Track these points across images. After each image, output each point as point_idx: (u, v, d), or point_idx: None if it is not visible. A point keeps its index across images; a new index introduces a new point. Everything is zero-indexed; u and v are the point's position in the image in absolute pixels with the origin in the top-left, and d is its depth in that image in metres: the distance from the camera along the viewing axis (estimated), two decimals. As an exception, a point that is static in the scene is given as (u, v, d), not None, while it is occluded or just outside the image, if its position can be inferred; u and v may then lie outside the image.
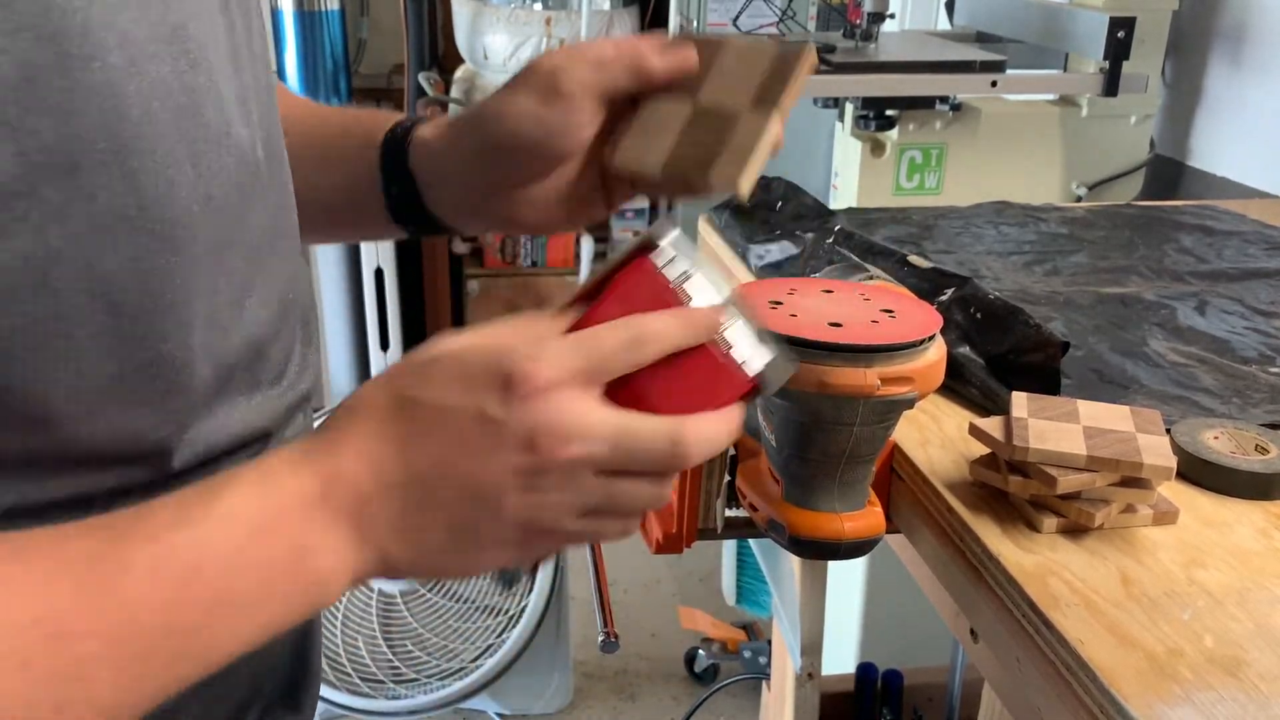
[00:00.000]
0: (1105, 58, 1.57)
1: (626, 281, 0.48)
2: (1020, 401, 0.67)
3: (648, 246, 0.49)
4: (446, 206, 0.65)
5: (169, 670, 0.39)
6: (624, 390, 0.46)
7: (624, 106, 0.60)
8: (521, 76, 0.59)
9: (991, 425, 0.65)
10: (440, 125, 0.64)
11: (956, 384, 0.79)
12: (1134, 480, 0.61)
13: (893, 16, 1.94)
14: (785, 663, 1.28)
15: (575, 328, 0.47)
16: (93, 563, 0.38)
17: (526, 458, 0.43)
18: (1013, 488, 0.63)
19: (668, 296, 0.48)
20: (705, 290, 0.48)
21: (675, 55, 0.58)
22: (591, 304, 0.48)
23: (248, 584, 0.41)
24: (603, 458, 0.44)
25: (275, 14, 2.99)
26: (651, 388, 0.46)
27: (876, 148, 1.70)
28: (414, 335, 2.92)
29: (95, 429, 0.43)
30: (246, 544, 0.41)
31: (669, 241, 0.49)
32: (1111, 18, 1.55)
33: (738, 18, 2.05)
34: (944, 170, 1.70)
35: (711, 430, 0.46)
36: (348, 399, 0.46)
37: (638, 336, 0.45)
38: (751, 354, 0.48)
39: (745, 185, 0.55)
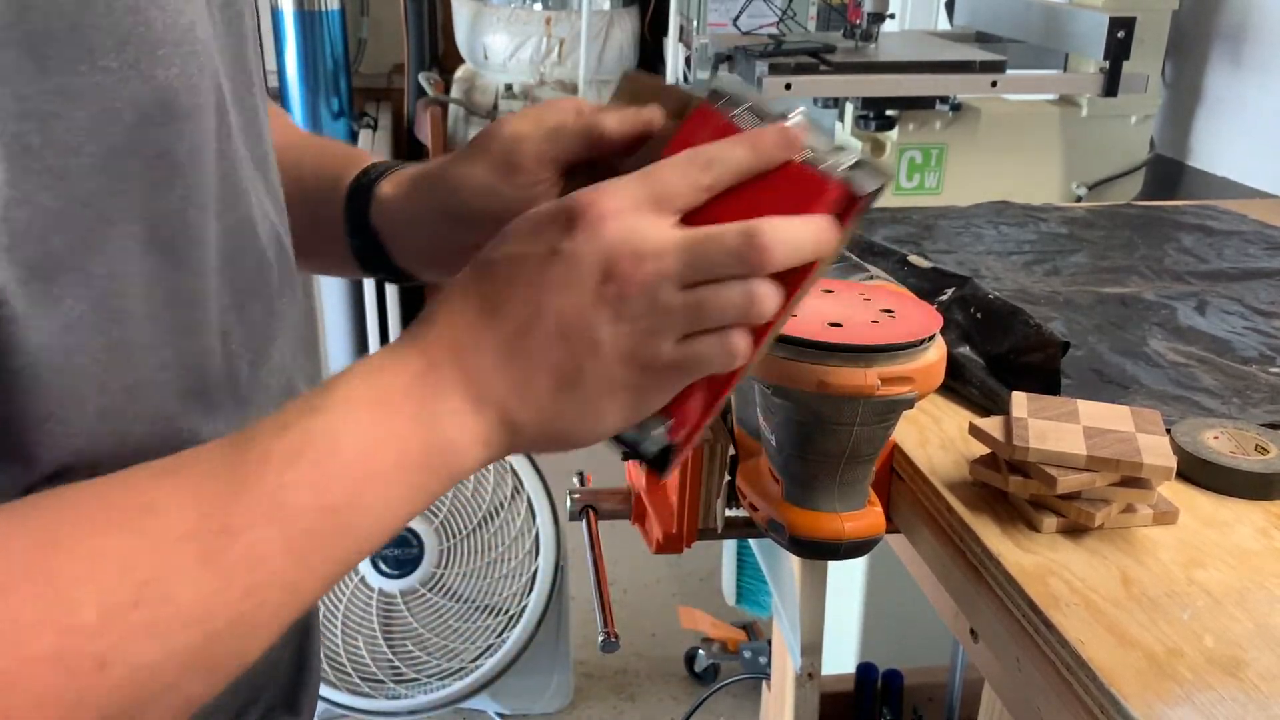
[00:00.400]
0: (1105, 58, 1.57)
1: (688, 128, 0.48)
2: (1020, 401, 0.67)
3: (711, 98, 0.48)
4: (410, 259, 0.65)
5: (337, 544, 0.41)
6: (701, 218, 0.45)
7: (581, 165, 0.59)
8: (479, 143, 0.59)
9: (991, 425, 0.65)
10: (401, 183, 0.64)
11: (956, 384, 0.79)
12: (1134, 480, 0.61)
13: (893, 16, 1.94)
14: (785, 662, 1.28)
15: None
16: (234, 464, 0.39)
17: (605, 285, 0.43)
18: (1013, 488, 0.63)
19: (730, 131, 0.47)
20: (769, 117, 0.47)
21: (633, 121, 0.58)
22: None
23: (385, 457, 0.42)
24: (680, 270, 0.43)
25: (275, 14, 2.99)
26: (731, 213, 0.45)
27: (876, 148, 1.70)
28: (414, 335, 2.92)
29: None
30: (370, 424, 0.42)
31: (727, 86, 0.48)
32: (1111, 18, 1.55)
33: (738, 17, 2.05)
34: (944, 170, 1.70)
35: (793, 229, 0.44)
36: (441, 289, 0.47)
37: (703, 160, 0.45)
38: (833, 161, 0.46)
39: None
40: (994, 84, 1.61)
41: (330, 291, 2.97)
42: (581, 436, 0.46)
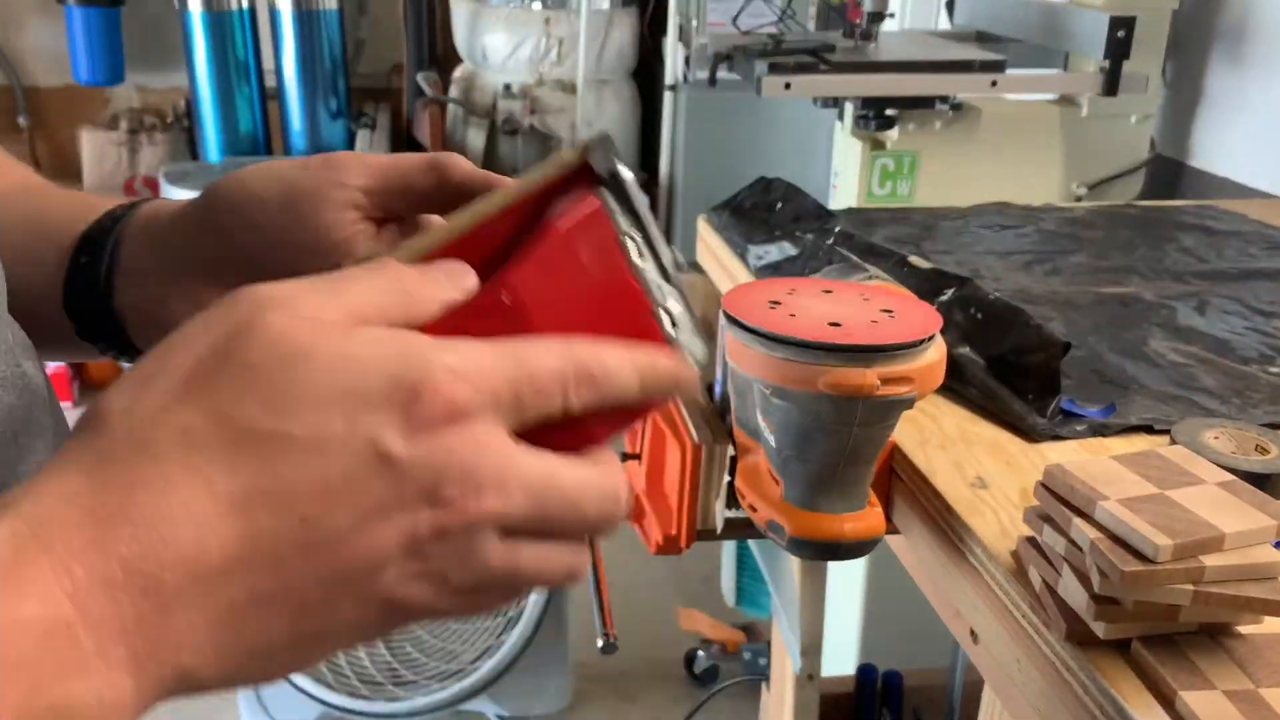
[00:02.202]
0: (1105, 57, 1.57)
1: (570, 223, 0.35)
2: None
3: (588, 171, 0.35)
4: (143, 280, 0.50)
5: None
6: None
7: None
8: (278, 189, 0.47)
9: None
10: (172, 204, 0.51)
11: (956, 384, 0.79)
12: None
13: (892, 16, 1.94)
14: (785, 664, 1.28)
15: (497, 284, 0.34)
16: None
17: (425, 515, 0.31)
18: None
19: (613, 253, 0.35)
20: (648, 264, 0.36)
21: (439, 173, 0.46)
22: (517, 251, 0.34)
23: None
24: (519, 517, 0.32)
25: (273, 14, 2.99)
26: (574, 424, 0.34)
27: (876, 146, 1.70)
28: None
29: None
30: None
31: (620, 172, 0.35)
32: (1111, 17, 1.55)
33: (737, 17, 2.05)
34: (916, 178, 1.70)
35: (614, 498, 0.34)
36: (88, 427, 0.30)
37: (593, 372, 0.33)
38: (680, 334, 0.36)
39: None
40: (994, 83, 1.61)
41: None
42: (266, 680, 0.32)
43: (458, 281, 0.34)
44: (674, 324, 0.35)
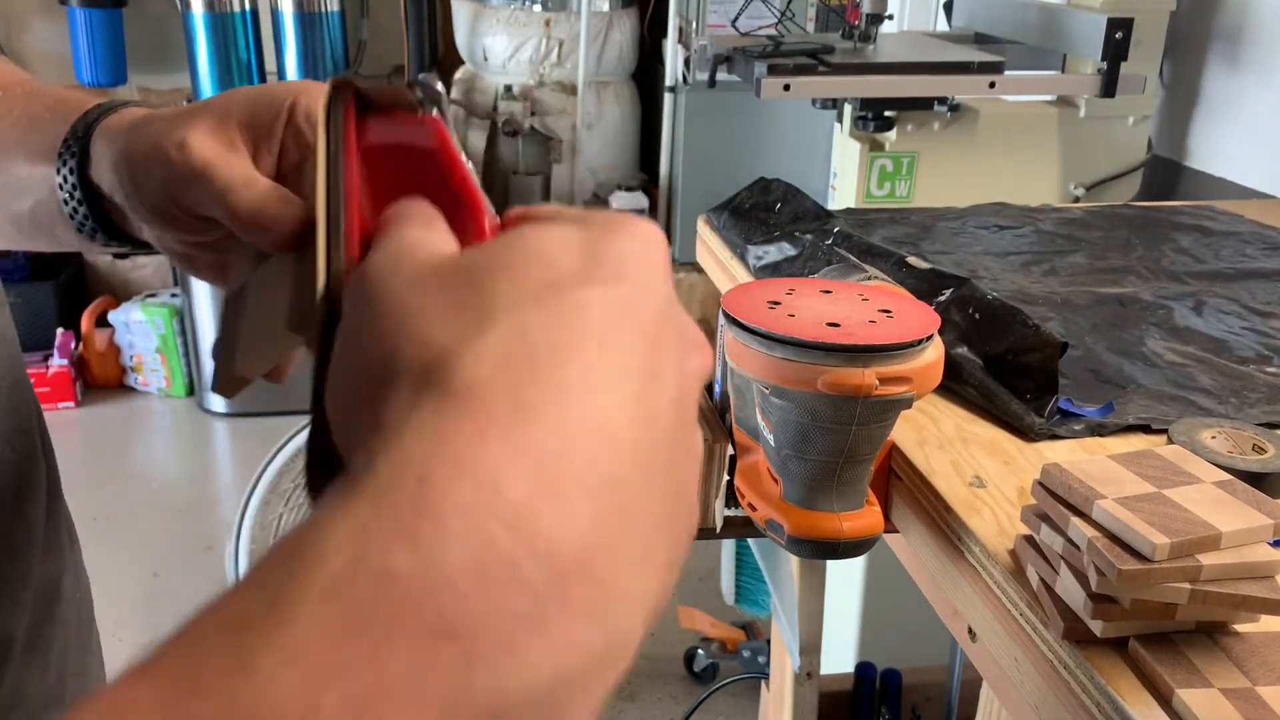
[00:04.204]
0: (1103, 58, 1.57)
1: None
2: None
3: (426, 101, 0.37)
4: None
5: None
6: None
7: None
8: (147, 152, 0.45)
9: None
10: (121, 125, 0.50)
11: (954, 384, 0.79)
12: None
13: (891, 17, 1.94)
14: (784, 662, 1.29)
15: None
16: None
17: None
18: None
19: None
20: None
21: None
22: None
23: None
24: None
25: (275, 15, 2.99)
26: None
27: (875, 146, 1.71)
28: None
29: None
30: None
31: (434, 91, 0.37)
32: (1109, 18, 1.55)
33: (736, 19, 2.06)
34: (915, 179, 1.71)
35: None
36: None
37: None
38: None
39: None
40: (992, 85, 1.62)
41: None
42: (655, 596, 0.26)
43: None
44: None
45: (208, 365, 3.12)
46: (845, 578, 1.71)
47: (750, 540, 1.70)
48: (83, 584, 0.57)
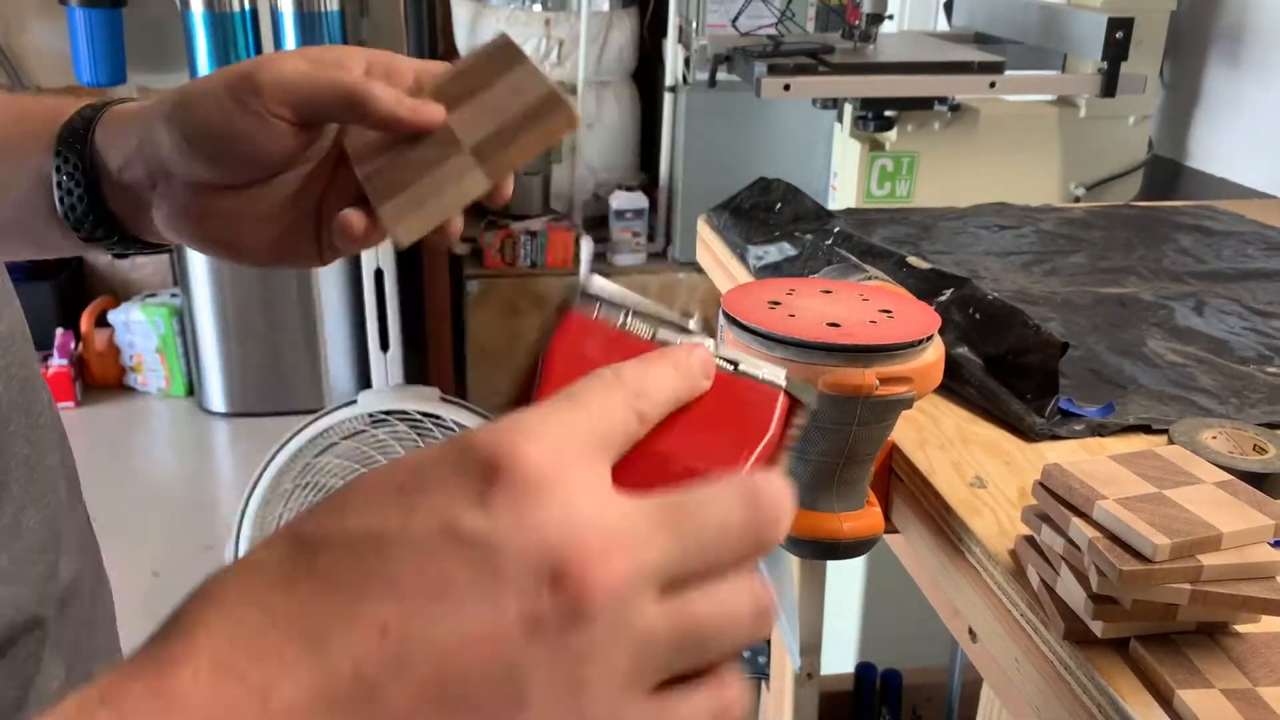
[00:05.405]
0: (1103, 58, 1.57)
1: (564, 341, 0.36)
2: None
3: (582, 303, 0.37)
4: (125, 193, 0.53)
5: None
6: (634, 468, 0.31)
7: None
8: (234, 72, 0.49)
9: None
10: (133, 104, 0.54)
11: (955, 384, 0.79)
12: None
13: (891, 17, 1.94)
14: (784, 662, 1.29)
15: None
16: None
17: (544, 598, 0.25)
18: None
19: (625, 343, 0.35)
20: (663, 328, 0.36)
21: (408, 110, 0.48)
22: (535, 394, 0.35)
23: None
24: (670, 563, 0.27)
25: (275, 15, 2.99)
26: (672, 448, 0.32)
27: (875, 146, 1.71)
28: (414, 336, 2.92)
29: None
30: None
31: (593, 289, 0.37)
32: (1110, 18, 1.55)
33: (736, 18, 2.05)
34: (915, 179, 1.71)
35: (778, 480, 0.30)
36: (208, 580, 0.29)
37: (634, 387, 0.30)
38: (760, 370, 0.36)
39: (404, 234, 0.48)
40: (992, 85, 1.61)
41: (330, 293, 2.98)
42: None
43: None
44: (738, 363, 0.36)
45: (208, 365, 3.13)
46: (845, 578, 1.71)
47: (750, 540, 1.69)
48: (105, 585, 0.57)
